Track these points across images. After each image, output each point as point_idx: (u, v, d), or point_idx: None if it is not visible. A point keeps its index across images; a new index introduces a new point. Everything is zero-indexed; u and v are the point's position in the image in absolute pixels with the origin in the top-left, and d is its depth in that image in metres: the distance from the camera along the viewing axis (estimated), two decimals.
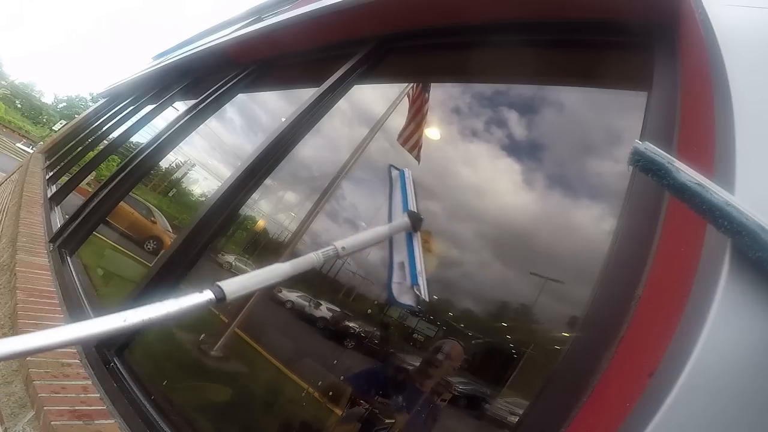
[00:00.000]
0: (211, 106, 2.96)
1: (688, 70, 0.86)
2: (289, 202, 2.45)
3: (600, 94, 1.48)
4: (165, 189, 4.20)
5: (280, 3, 5.25)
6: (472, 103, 1.93)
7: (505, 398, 1.15)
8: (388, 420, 1.22)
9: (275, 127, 1.86)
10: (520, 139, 1.69)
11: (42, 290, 1.67)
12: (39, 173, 4.66)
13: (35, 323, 1.37)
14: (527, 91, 1.75)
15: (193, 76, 4.13)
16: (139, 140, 4.21)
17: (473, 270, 1.55)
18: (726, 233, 0.39)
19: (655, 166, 0.41)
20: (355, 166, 2.05)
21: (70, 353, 1.28)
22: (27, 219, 2.62)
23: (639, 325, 0.57)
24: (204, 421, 1.34)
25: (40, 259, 2.02)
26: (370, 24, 2.03)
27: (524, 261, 1.44)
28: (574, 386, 0.58)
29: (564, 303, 1.19)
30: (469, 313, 1.47)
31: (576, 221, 1.37)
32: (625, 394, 0.44)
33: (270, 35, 2.78)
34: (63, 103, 61.71)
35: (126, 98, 6.09)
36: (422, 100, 2.06)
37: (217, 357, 1.76)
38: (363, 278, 1.76)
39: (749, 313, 0.37)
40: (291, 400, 1.62)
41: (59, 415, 0.95)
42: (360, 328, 1.73)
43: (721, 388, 0.35)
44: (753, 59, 0.62)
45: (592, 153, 1.44)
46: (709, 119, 0.57)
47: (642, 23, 1.15)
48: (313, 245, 2.09)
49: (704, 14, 0.75)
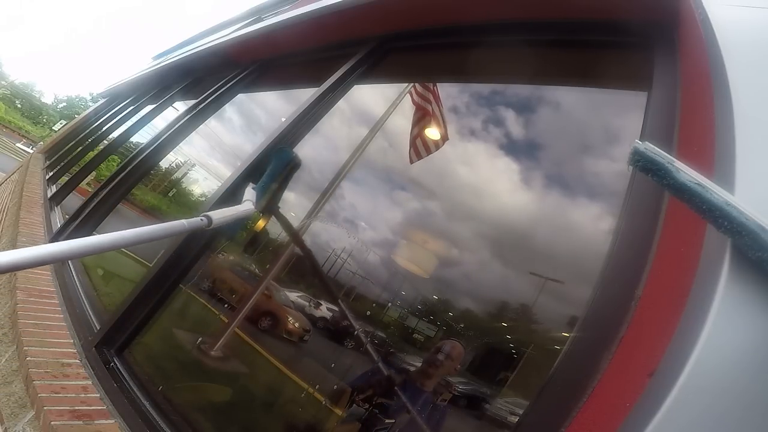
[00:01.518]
0: (211, 106, 2.96)
1: (688, 70, 0.86)
2: (289, 201, 2.45)
3: (600, 94, 1.48)
4: (165, 189, 4.21)
5: (280, 3, 5.25)
6: (472, 103, 1.93)
7: (505, 398, 1.15)
8: (388, 420, 1.22)
9: (275, 127, 1.86)
10: (520, 140, 1.69)
11: (42, 290, 1.67)
12: (39, 173, 4.66)
13: (35, 323, 1.37)
14: (528, 92, 1.75)
15: (193, 76, 4.13)
16: (139, 140, 4.22)
17: (474, 270, 1.55)
18: (726, 233, 0.39)
19: (655, 166, 0.41)
20: (355, 166, 2.05)
21: (70, 353, 1.28)
22: (27, 219, 2.62)
23: (639, 325, 0.57)
24: (204, 420, 1.34)
25: None
26: (370, 24, 2.03)
27: (525, 261, 1.44)
28: (574, 386, 0.58)
29: (564, 303, 1.19)
30: (470, 313, 1.47)
31: (576, 221, 1.37)
32: (625, 394, 0.44)
33: (270, 35, 2.78)
34: (63, 103, 61.72)
35: (126, 98, 6.09)
36: (428, 100, 2.06)
37: (217, 357, 1.76)
38: (363, 278, 1.76)
39: (749, 313, 0.37)
40: (291, 400, 1.62)
41: (59, 415, 0.94)
42: (360, 328, 1.73)
43: (721, 388, 0.35)
44: (753, 59, 0.62)
45: (592, 153, 1.44)
46: (709, 119, 0.57)
47: (642, 23, 1.15)
48: (313, 245, 2.09)
49: (704, 14, 0.75)
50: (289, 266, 2.06)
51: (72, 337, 1.39)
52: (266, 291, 2.16)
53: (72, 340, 1.37)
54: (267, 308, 2.18)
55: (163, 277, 1.43)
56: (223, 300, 2.33)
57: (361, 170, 2.10)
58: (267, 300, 2.18)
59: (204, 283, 2.28)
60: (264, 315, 2.16)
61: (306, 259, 1.64)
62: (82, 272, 2.06)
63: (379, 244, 1.87)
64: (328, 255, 1.90)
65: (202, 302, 2.07)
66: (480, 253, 1.56)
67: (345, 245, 1.94)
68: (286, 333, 1.99)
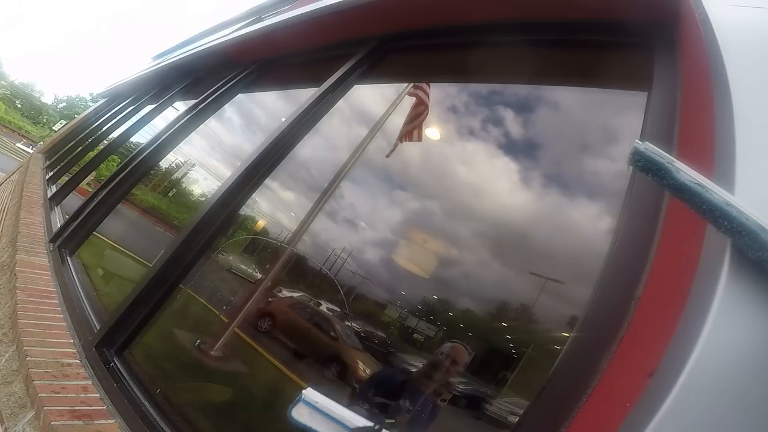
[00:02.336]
0: (211, 106, 2.96)
1: (688, 70, 0.86)
2: (289, 201, 2.45)
3: (600, 94, 1.48)
4: (165, 189, 4.21)
5: (280, 3, 5.25)
6: (472, 103, 1.93)
7: (505, 398, 1.15)
8: (388, 420, 1.22)
9: (275, 127, 1.86)
10: (521, 140, 1.69)
11: (42, 290, 1.67)
12: (39, 173, 4.66)
13: (35, 323, 1.37)
14: (528, 92, 1.75)
15: (193, 76, 4.13)
16: (139, 140, 4.22)
17: (474, 270, 1.55)
18: (726, 233, 0.39)
19: (655, 166, 0.41)
20: (355, 166, 2.05)
21: (70, 353, 1.28)
22: (27, 219, 2.62)
23: (639, 325, 0.57)
24: (204, 420, 1.34)
25: (40, 259, 2.02)
26: (370, 24, 2.03)
27: (525, 261, 1.44)
28: (574, 386, 0.58)
29: (564, 303, 1.19)
30: (470, 313, 1.47)
31: (576, 221, 1.37)
32: (625, 394, 0.44)
33: (270, 35, 2.78)
34: (63, 103, 61.69)
35: (126, 98, 6.09)
36: (425, 101, 2.07)
37: (217, 357, 1.76)
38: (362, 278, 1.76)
39: (749, 313, 0.37)
40: (290, 400, 1.62)
41: (59, 415, 0.94)
42: (360, 328, 1.73)
43: (721, 388, 0.35)
44: (753, 59, 0.62)
45: (593, 153, 1.44)
46: (709, 119, 0.57)
47: (642, 23, 1.15)
48: (313, 245, 2.09)
49: (704, 14, 0.75)
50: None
51: (72, 337, 1.39)
52: (332, 332, 1.81)
53: (72, 340, 1.37)
54: (334, 353, 1.74)
55: (163, 277, 1.43)
56: (285, 345, 1.97)
57: (361, 170, 2.10)
58: (333, 344, 1.75)
59: (261, 323, 2.01)
60: (330, 361, 1.73)
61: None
62: (82, 272, 2.07)
63: (378, 244, 1.87)
64: (328, 255, 1.90)
65: (202, 302, 2.08)
66: (480, 253, 1.56)
67: (345, 245, 1.94)
68: (356, 381, 1.60)
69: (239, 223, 2.36)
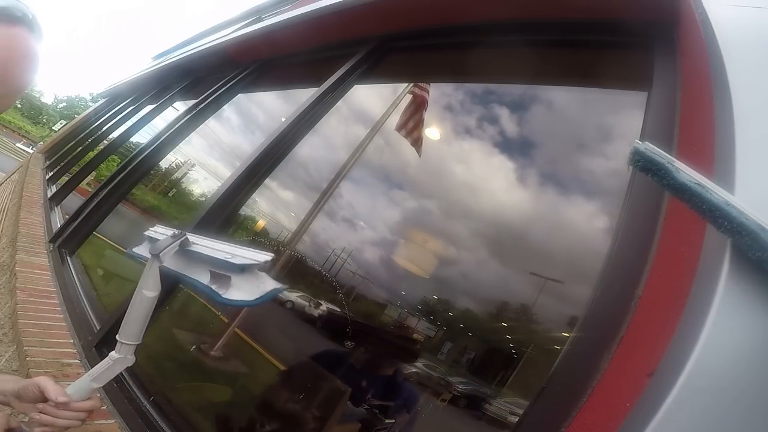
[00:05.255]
0: (211, 106, 2.96)
1: (688, 70, 0.86)
2: (289, 201, 2.45)
3: (600, 94, 1.48)
4: (165, 189, 4.20)
5: (280, 3, 5.25)
6: (472, 103, 1.93)
7: (505, 398, 1.15)
8: (388, 420, 1.22)
9: (275, 127, 1.86)
10: (520, 140, 1.69)
11: (42, 290, 1.67)
12: (39, 173, 4.66)
13: (35, 323, 1.37)
14: (528, 92, 1.75)
15: (193, 76, 4.13)
16: (139, 140, 4.22)
17: (474, 269, 1.55)
18: (726, 233, 0.38)
19: (655, 166, 0.41)
20: (355, 166, 2.05)
21: (70, 353, 1.28)
22: (27, 219, 2.62)
23: (639, 325, 0.57)
24: (204, 420, 1.34)
25: (40, 259, 2.02)
26: (370, 24, 2.03)
27: (524, 261, 1.44)
28: (574, 386, 0.58)
29: (564, 303, 1.19)
30: (469, 313, 1.47)
31: (576, 221, 1.37)
32: (625, 394, 0.44)
33: (270, 35, 2.78)
34: (63, 103, 61.69)
35: (126, 98, 6.09)
36: (425, 96, 2.07)
37: (217, 357, 1.76)
38: (362, 278, 1.76)
39: (749, 313, 0.37)
40: (291, 400, 1.62)
41: None
42: (360, 327, 1.73)
43: (721, 388, 0.35)
44: (753, 59, 0.62)
45: (592, 153, 1.44)
46: (709, 119, 0.57)
47: (642, 23, 1.15)
48: (313, 245, 2.09)
49: (704, 14, 0.75)
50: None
51: (72, 337, 1.40)
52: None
53: (72, 340, 1.37)
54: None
55: (162, 278, 1.43)
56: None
57: (361, 170, 2.10)
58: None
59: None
60: None
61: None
62: (82, 272, 2.07)
63: (378, 244, 1.87)
64: (328, 255, 1.90)
65: (202, 302, 2.07)
66: (480, 253, 1.56)
67: (344, 245, 1.94)
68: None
69: (239, 223, 2.36)
